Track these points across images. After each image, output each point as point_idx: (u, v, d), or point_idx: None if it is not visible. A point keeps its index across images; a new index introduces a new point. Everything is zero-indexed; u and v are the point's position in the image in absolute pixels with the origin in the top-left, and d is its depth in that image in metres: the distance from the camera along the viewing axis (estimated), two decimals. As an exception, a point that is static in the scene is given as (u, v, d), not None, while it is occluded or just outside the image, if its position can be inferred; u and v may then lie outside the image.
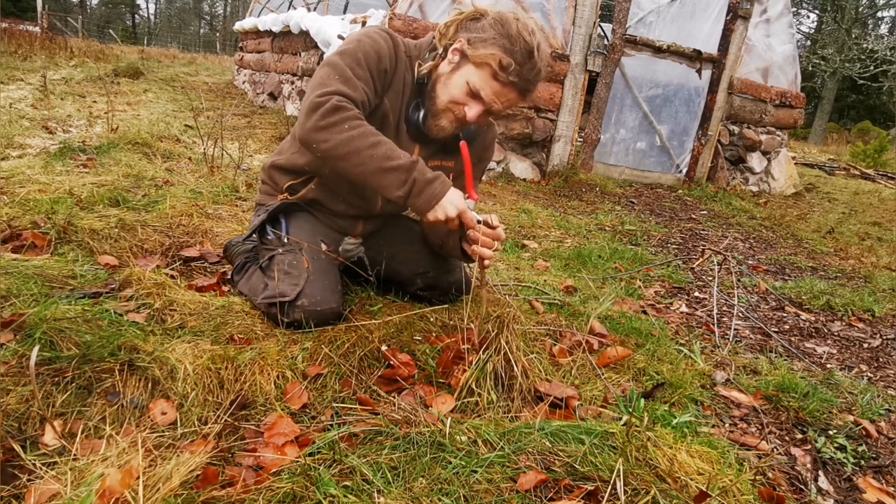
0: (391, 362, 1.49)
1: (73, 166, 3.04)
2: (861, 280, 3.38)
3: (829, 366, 2.11)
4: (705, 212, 5.12)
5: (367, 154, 1.43)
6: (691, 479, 1.15)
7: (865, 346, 2.36)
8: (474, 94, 1.52)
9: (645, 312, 2.34)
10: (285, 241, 1.72)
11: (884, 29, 25.10)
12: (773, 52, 6.25)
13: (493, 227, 1.52)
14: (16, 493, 0.96)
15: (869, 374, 2.08)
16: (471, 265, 1.81)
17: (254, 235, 1.83)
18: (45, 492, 0.93)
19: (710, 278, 2.99)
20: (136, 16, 48.98)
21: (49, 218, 2.06)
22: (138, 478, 0.93)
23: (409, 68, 1.60)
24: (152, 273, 1.71)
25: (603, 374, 1.65)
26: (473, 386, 1.39)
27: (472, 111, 1.54)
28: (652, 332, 2.04)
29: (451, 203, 1.46)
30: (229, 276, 1.87)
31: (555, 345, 1.77)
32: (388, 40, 1.56)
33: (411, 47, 1.62)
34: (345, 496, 1.00)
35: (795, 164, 8.50)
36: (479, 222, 1.51)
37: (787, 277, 3.31)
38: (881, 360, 2.23)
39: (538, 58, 1.50)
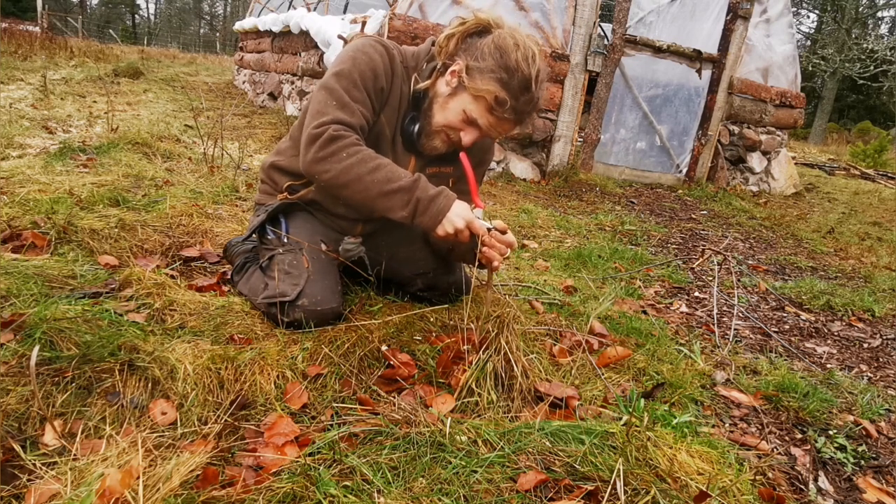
0: (391, 362, 1.49)
1: (73, 166, 3.04)
2: (861, 280, 3.38)
3: (829, 366, 2.11)
4: (705, 212, 5.12)
5: (368, 180, 1.43)
6: (691, 479, 1.15)
7: (865, 346, 2.36)
8: (471, 122, 1.52)
9: (645, 312, 2.34)
10: (285, 240, 1.72)
11: (884, 29, 25.12)
12: (773, 52, 6.25)
13: (503, 233, 1.52)
14: (16, 493, 0.96)
15: (869, 374, 2.08)
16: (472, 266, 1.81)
17: (253, 235, 1.83)
18: (45, 492, 0.93)
19: (710, 278, 2.99)
20: (136, 16, 48.99)
21: (49, 218, 2.06)
22: (138, 478, 0.93)
23: (407, 79, 1.59)
24: (152, 273, 1.71)
25: (603, 374, 1.65)
26: (473, 386, 1.39)
27: (468, 137, 1.55)
28: (652, 332, 2.04)
29: (458, 215, 1.46)
30: (229, 276, 1.87)
31: (555, 345, 1.77)
32: (384, 55, 1.55)
33: (409, 57, 1.61)
34: (345, 496, 1.00)
35: (795, 164, 8.50)
36: (489, 230, 1.50)
37: (787, 277, 3.31)
38: (881, 360, 2.23)
39: (535, 89, 1.48)
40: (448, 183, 1.74)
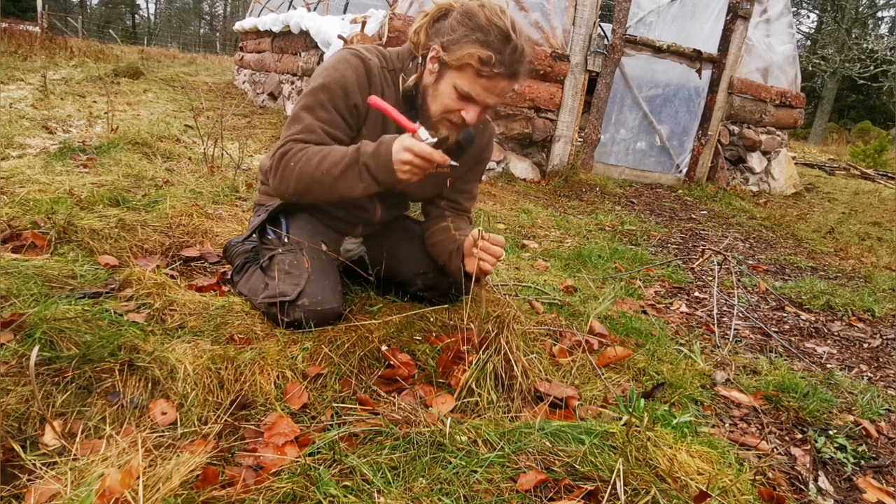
0: (391, 362, 1.49)
1: (73, 166, 3.04)
2: (861, 280, 3.38)
3: (829, 366, 2.11)
4: (705, 212, 5.12)
5: (318, 175, 1.47)
6: (691, 479, 1.15)
7: (865, 346, 2.36)
8: (465, 97, 1.49)
9: (645, 312, 2.34)
10: (285, 240, 1.72)
11: (884, 29, 25.09)
12: (773, 52, 6.24)
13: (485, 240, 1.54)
14: (16, 493, 0.96)
15: (869, 374, 2.08)
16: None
17: (253, 235, 1.83)
18: (45, 492, 0.93)
19: (710, 278, 2.99)
20: (136, 16, 48.98)
21: (49, 218, 2.06)
22: (138, 478, 0.93)
23: (392, 83, 1.57)
24: (152, 273, 1.71)
25: (603, 374, 1.65)
26: (473, 386, 1.39)
27: (470, 114, 1.51)
28: (652, 332, 2.04)
29: (401, 149, 1.41)
30: (229, 277, 1.87)
31: (555, 345, 1.77)
32: (359, 67, 1.52)
33: (393, 59, 1.58)
34: (345, 496, 1.00)
35: (795, 164, 8.50)
36: (433, 146, 1.40)
37: (787, 277, 3.31)
38: (881, 360, 2.23)
39: (516, 37, 1.42)
40: (446, 182, 1.75)
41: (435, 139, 1.43)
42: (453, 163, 1.43)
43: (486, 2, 1.44)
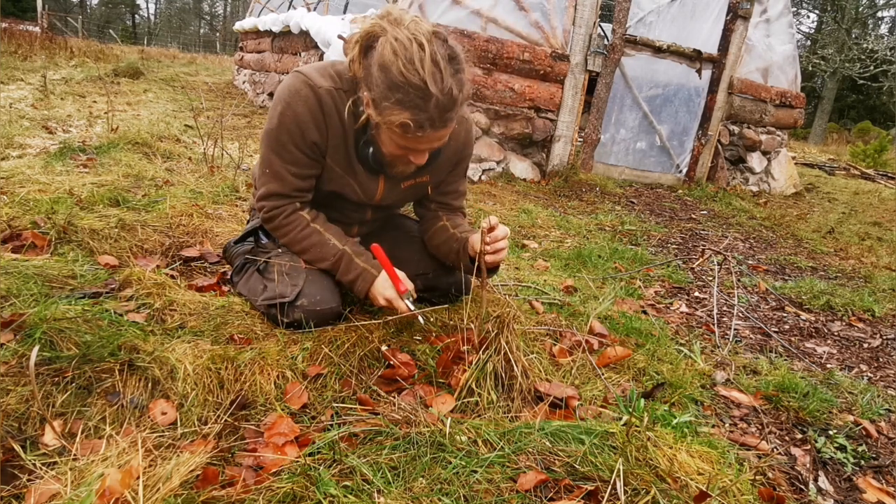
0: (391, 362, 1.49)
1: (73, 166, 3.04)
2: (861, 280, 3.38)
3: (829, 366, 2.11)
4: (705, 212, 5.12)
5: (303, 258, 1.65)
6: (691, 479, 1.15)
7: (865, 346, 2.36)
8: (406, 148, 1.45)
9: (645, 312, 2.34)
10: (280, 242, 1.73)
11: (884, 29, 25.09)
12: (773, 52, 6.24)
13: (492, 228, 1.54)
14: (16, 493, 0.96)
15: (869, 374, 2.08)
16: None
17: (251, 238, 1.84)
18: (45, 492, 0.93)
19: (710, 278, 2.99)
20: (136, 16, 48.99)
21: (49, 218, 2.06)
22: (138, 478, 0.93)
23: (348, 108, 1.50)
24: (152, 273, 1.71)
25: (603, 374, 1.65)
26: (473, 386, 1.39)
27: (418, 159, 1.48)
28: (652, 332, 2.04)
29: (380, 295, 1.58)
30: (229, 277, 1.87)
31: (555, 345, 1.77)
32: (310, 99, 1.47)
33: (346, 80, 1.49)
34: (345, 496, 1.00)
35: (795, 164, 8.50)
36: (410, 309, 1.58)
37: (787, 277, 3.31)
38: (881, 360, 2.23)
39: (437, 86, 1.29)
40: (427, 190, 1.74)
41: (413, 307, 1.58)
42: (421, 319, 1.63)
43: (399, 49, 1.28)
